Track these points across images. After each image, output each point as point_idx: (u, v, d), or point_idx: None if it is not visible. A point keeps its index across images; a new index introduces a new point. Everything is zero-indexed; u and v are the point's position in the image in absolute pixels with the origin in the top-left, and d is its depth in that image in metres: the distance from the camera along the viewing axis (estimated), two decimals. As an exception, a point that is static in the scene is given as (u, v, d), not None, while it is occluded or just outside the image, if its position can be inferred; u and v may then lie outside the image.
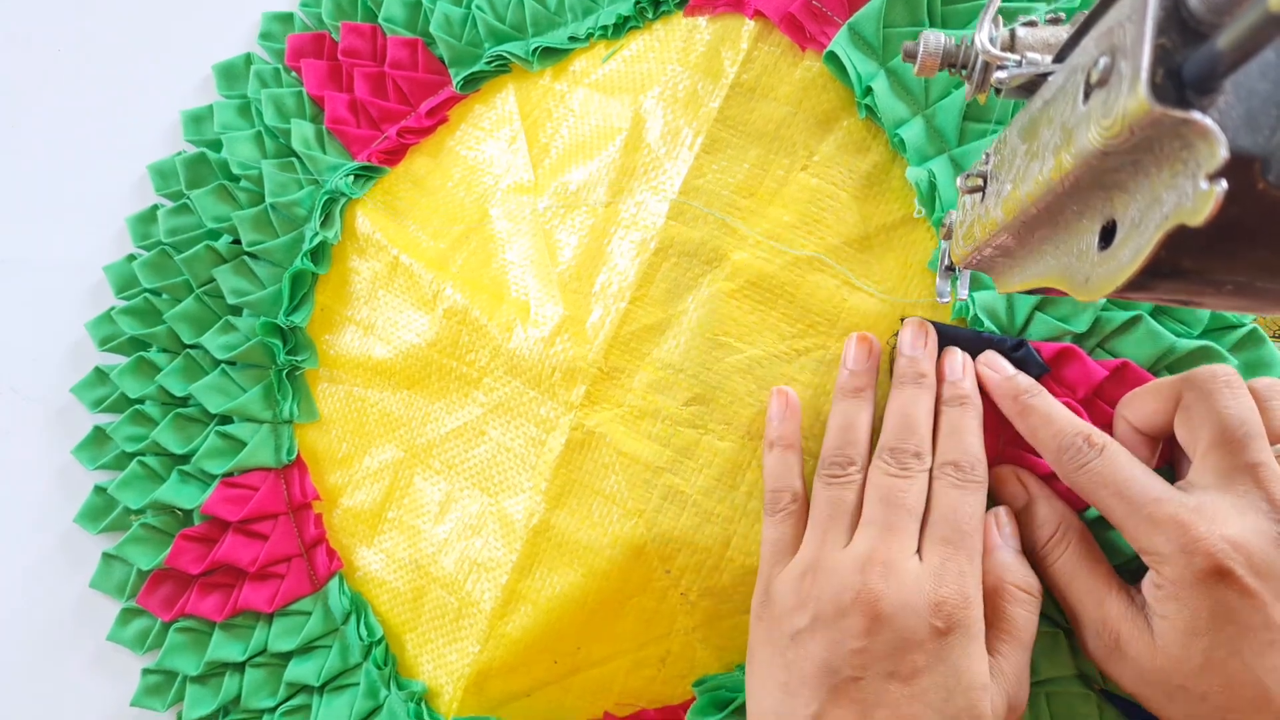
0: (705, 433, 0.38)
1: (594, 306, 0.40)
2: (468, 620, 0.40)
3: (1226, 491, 0.29)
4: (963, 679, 0.30)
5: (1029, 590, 0.32)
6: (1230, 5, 0.15)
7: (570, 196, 0.42)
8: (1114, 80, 0.17)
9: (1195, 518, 0.28)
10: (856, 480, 0.34)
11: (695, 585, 0.37)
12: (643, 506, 0.37)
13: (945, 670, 0.30)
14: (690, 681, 0.38)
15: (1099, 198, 0.19)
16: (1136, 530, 0.29)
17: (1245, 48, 0.15)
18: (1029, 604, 0.32)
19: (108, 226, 0.48)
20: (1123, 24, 0.17)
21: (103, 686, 0.44)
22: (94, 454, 0.46)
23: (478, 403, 0.41)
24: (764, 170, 0.39)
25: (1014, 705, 0.31)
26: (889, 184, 0.38)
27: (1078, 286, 0.20)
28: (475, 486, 0.41)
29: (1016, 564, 0.33)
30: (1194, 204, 0.15)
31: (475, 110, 0.46)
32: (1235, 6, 0.15)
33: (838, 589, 0.31)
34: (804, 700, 0.31)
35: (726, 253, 0.39)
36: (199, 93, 0.49)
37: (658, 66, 0.42)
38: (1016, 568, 0.32)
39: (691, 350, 0.38)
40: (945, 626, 0.30)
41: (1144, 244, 0.17)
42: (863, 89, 0.38)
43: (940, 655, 0.30)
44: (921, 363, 0.35)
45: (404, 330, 0.43)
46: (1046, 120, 0.21)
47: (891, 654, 0.30)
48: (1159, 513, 0.28)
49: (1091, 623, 0.31)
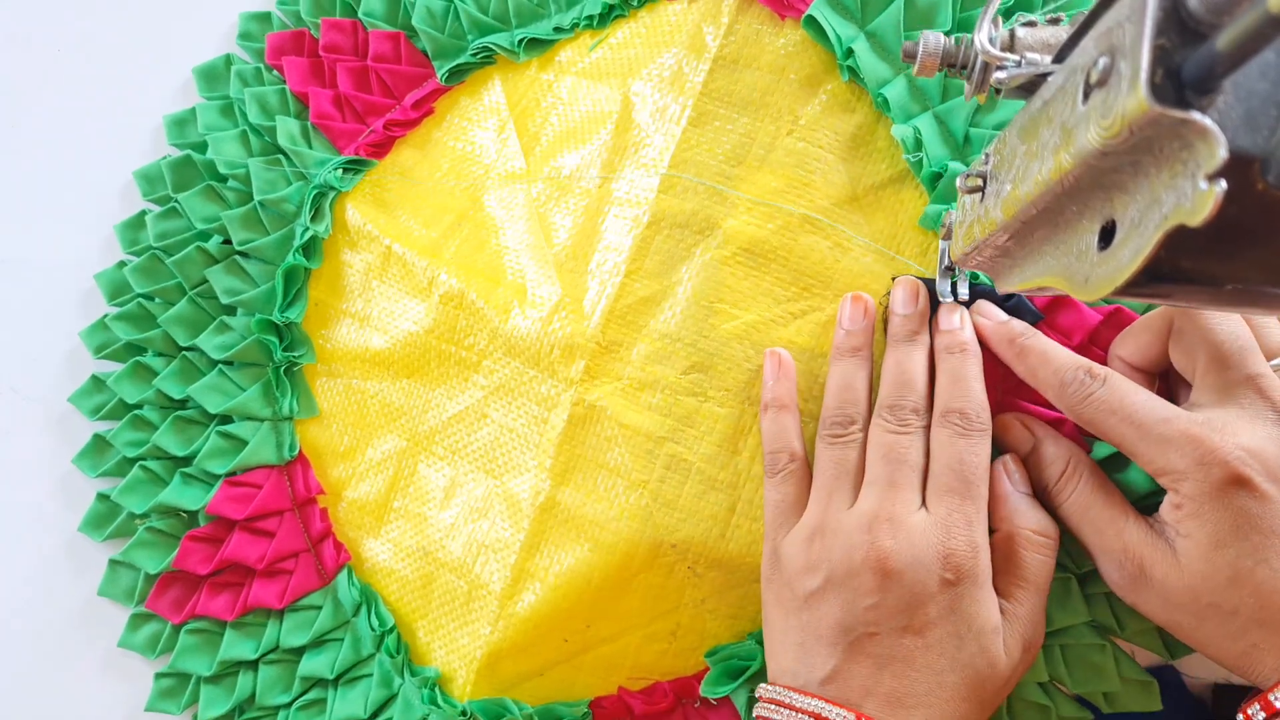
0: (705, 400, 0.38)
1: (590, 284, 0.40)
2: (478, 603, 0.40)
3: (1231, 405, 0.29)
4: (974, 625, 0.30)
5: (1044, 534, 0.32)
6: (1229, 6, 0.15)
7: (563, 180, 0.42)
8: (1113, 80, 0.17)
9: (1207, 431, 0.28)
10: (858, 439, 0.34)
11: (702, 556, 0.37)
12: (646, 477, 0.37)
13: (956, 619, 0.30)
14: (702, 653, 0.38)
15: (1099, 198, 0.19)
16: (1150, 452, 0.29)
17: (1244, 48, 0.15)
18: (1044, 548, 0.32)
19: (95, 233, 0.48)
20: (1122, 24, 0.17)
21: (116, 693, 0.44)
22: (95, 462, 0.46)
23: (478, 386, 0.42)
24: (751, 138, 0.40)
25: (1028, 646, 0.31)
26: (875, 144, 0.39)
27: (1078, 286, 0.20)
28: (480, 469, 0.41)
29: (1029, 509, 0.33)
30: (1193, 204, 0.15)
31: (461, 102, 0.46)
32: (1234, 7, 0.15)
33: (846, 548, 0.32)
34: (821, 658, 0.31)
35: (718, 221, 0.39)
36: (179, 96, 0.49)
37: (644, 51, 0.42)
38: (1030, 512, 0.32)
39: (688, 319, 0.38)
40: (955, 577, 0.30)
41: (1144, 244, 0.17)
42: (844, 51, 0.38)
43: (951, 605, 0.30)
44: (914, 320, 0.35)
45: (400, 319, 0.44)
46: (1046, 120, 0.21)
47: (904, 609, 0.30)
48: (1170, 431, 0.28)
49: (1112, 554, 0.31)
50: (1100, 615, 0.34)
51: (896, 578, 0.30)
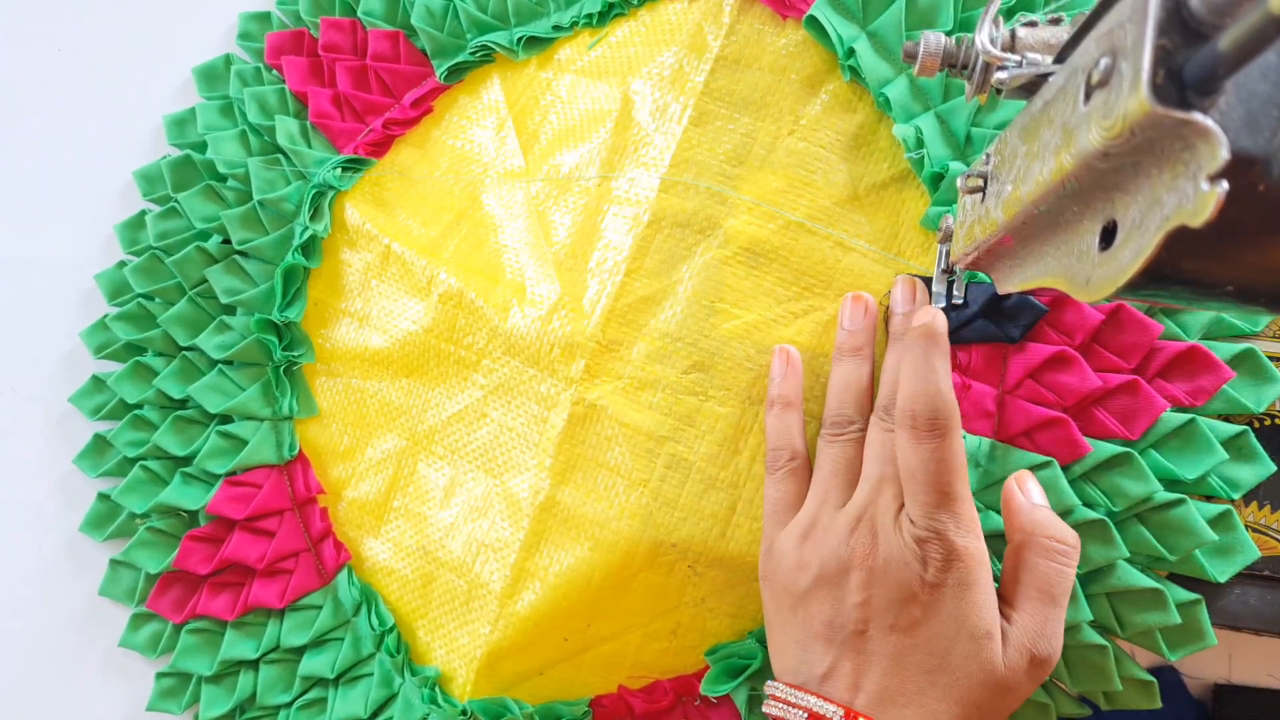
0: (706, 399, 0.38)
1: (590, 282, 0.40)
2: (477, 602, 0.40)
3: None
4: (964, 627, 0.30)
5: (1062, 541, 0.31)
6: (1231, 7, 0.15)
7: (562, 179, 0.42)
8: (1115, 81, 0.17)
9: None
10: (856, 438, 0.34)
11: (703, 555, 0.37)
12: (647, 476, 0.37)
13: (944, 620, 0.30)
14: (702, 651, 0.38)
15: (1100, 198, 0.19)
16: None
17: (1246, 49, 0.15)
18: (1060, 556, 0.31)
19: (95, 233, 0.48)
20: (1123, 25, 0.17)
21: (117, 693, 0.44)
22: (95, 462, 0.46)
23: (477, 385, 0.41)
24: (752, 138, 0.39)
25: (1037, 660, 0.30)
26: (876, 143, 0.39)
27: (1078, 287, 0.20)
28: (479, 469, 0.41)
29: (1047, 518, 0.31)
30: (1195, 205, 0.15)
31: (460, 100, 0.46)
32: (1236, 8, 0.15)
33: (835, 546, 0.32)
34: (817, 655, 0.32)
35: (719, 221, 0.39)
36: (179, 96, 0.49)
37: (644, 49, 0.42)
38: (1047, 522, 0.31)
39: (689, 319, 0.38)
40: (937, 579, 0.30)
41: (1145, 245, 0.17)
42: (845, 51, 0.38)
43: (936, 606, 0.30)
44: None
45: (399, 318, 0.43)
46: (1047, 121, 0.21)
47: (890, 607, 0.30)
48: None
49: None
50: (1101, 615, 0.34)
51: (880, 576, 0.30)
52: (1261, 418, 0.35)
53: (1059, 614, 0.30)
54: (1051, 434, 0.35)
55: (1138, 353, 0.35)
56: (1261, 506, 0.35)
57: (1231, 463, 0.34)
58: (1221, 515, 0.34)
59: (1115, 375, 0.34)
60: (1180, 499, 0.33)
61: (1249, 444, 0.34)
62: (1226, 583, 0.34)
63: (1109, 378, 0.34)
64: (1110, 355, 0.35)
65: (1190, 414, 0.34)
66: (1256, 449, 0.34)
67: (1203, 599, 0.34)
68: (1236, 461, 0.34)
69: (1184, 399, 0.34)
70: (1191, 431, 0.34)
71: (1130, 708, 0.35)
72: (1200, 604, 0.34)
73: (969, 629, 0.30)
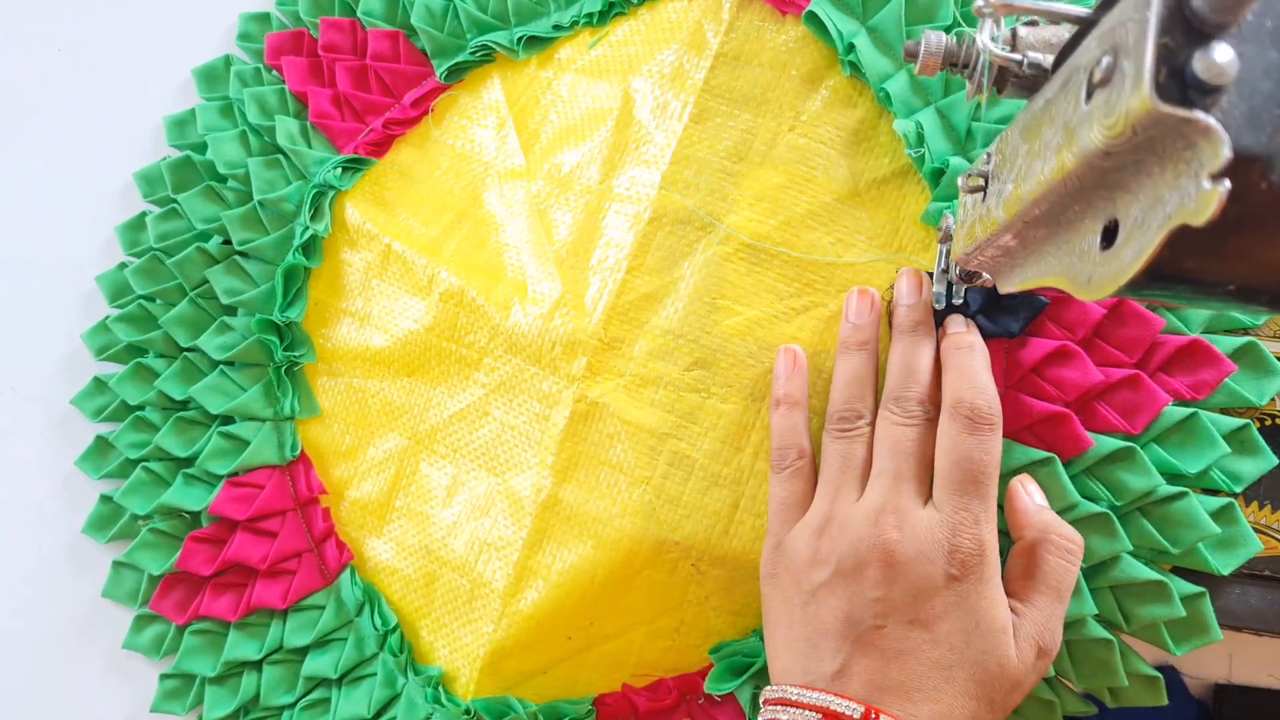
0: (708, 396, 0.38)
1: (591, 280, 0.40)
2: (480, 601, 0.40)
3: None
4: (981, 622, 0.30)
5: (1070, 539, 0.32)
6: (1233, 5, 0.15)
7: (564, 177, 0.42)
8: (1117, 79, 0.17)
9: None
10: (865, 433, 0.34)
11: (706, 553, 0.37)
12: (649, 474, 0.37)
13: (963, 615, 0.30)
14: (706, 649, 0.38)
15: (1101, 197, 0.19)
16: None
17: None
18: (1068, 553, 0.32)
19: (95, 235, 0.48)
20: (1125, 23, 0.17)
21: (120, 694, 0.44)
22: (98, 463, 0.46)
23: (479, 384, 0.41)
24: (752, 134, 0.39)
25: (1043, 652, 0.31)
26: (877, 139, 0.39)
27: (1080, 286, 0.20)
28: (481, 467, 0.41)
29: (1056, 519, 0.33)
30: (1197, 204, 0.15)
31: (460, 100, 0.46)
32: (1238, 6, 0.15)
33: (854, 541, 0.32)
34: (829, 652, 0.31)
35: (720, 217, 0.39)
36: (179, 96, 0.49)
37: (644, 48, 0.42)
38: (1055, 522, 0.32)
39: (690, 316, 0.38)
40: (960, 573, 0.30)
41: (1147, 244, 0.17)
42: (845, 46, 0.38)
43: (957, 601, 0.30)
44: (919, 310, 0.35)
45: (401, 317, 0.43)
46: (1048, 119, 0.21)
47: (910, 602, 0.30)
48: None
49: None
50: (1106, 609, 0.34)
51: (902, 570, 0.30)
52: (1262, 418, 0.35)
53: (1063, 610, 0.32)
54: (1053, 429, 0.34)
55: (1139, 347, 0.35)
56: (1262, 506, 0.35)
57: (1233, 456, 0.34)
58: (1224, 508, 0.34)
59: (1117, 370, 0.34)
60: (1183, 492, 0.33)
61: (1251, 437, 0.34)
62: (1227, 583, 0.34)
63: (1111, 372, 0.34)
64: (1112, 349, 0.35)
65: (1192, 408, 0.34)
66: (1258, 442, 0.34)
67: (1207, 592, 0.34)
68: (1238, 455, 0.34)
69: (1186, 393, 0.34)
70: (1193, 425, 0.34)
71: (1136, 704, 0.35)
72: (1204, 597, 0.34)
73: (987, 623, 0.30)
